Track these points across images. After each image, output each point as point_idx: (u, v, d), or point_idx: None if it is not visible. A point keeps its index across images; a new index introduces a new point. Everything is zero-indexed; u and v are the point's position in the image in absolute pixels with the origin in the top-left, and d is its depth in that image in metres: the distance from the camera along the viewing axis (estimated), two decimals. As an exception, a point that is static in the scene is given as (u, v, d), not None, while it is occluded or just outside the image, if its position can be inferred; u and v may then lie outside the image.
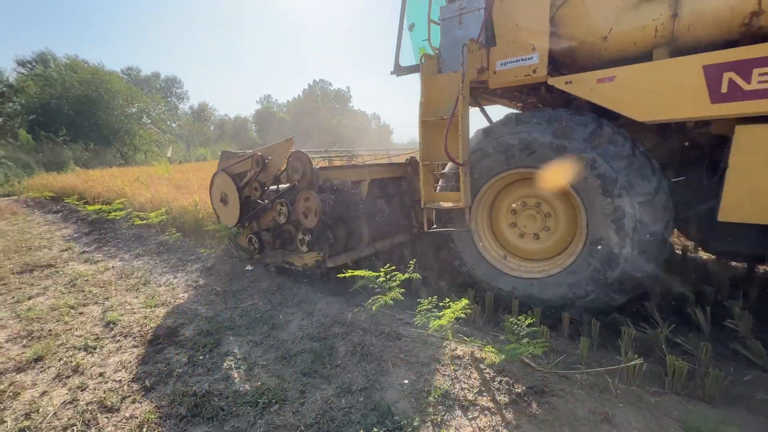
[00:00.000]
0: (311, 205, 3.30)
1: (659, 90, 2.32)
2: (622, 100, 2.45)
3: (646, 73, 2.36)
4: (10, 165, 15.40)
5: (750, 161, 2.16)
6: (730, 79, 2.09)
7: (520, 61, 2.76)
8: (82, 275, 4.20)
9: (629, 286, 2.55)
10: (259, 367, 2.38)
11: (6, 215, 8.35)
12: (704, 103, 2.19)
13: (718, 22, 2.23)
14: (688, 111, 2.27)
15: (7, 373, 2.37)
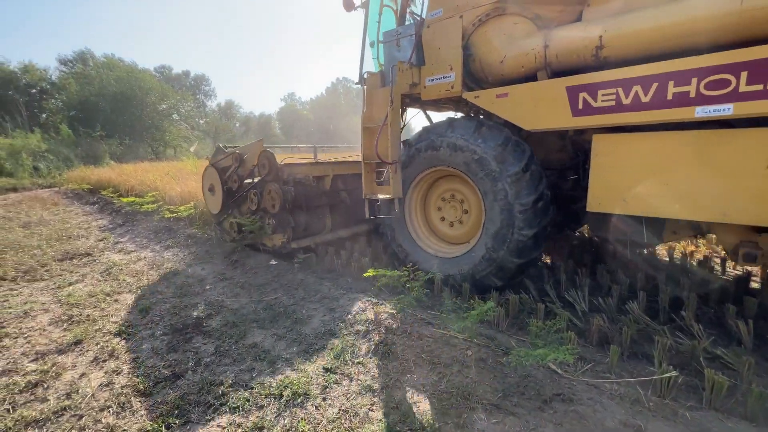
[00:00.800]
0: (275, 195, 3.99)
1: (538, 105, 2.81)
2: (513, 112, 2.96)
3: (528, 91, 2.87)
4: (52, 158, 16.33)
5: (605, 163, 2.64)
6: (584, 98, 2.57)
7: (442, 79, 3.31)
8: (117, 264, 4.41)
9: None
10: (283, 361, 2.42)
11: (48, 205, 8.87)
12: (568, 116, 2.67)
13: (576, 52, 2.68)
14: (558, 122, 2.76)
15: (50, 354, 2.52)
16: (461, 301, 2.94)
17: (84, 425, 1.88)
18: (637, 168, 2.51)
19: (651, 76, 2.30)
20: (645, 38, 2.39)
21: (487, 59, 3.14)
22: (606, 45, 2.53)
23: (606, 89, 2.47)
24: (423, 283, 2.87)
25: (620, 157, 2.58)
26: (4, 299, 3.45)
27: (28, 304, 3.33)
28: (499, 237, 3.00)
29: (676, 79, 2.22)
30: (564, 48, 2.73)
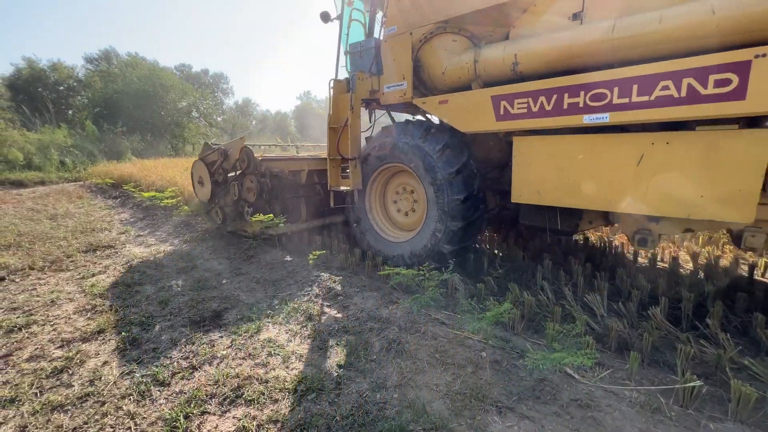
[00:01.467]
0: (252, 186, 4.53)
1: (470, 110, 3.27)
2: (451, 116, 3.42)
3: (463, 98, 3.33)
4: (77, 153, 16.90)
5: (522, 161, 3.08)
6: (504, 105, 3.03)
7: (397, 86, 3.78)
8: (138, 257, 4.53)
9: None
10: (297, 356, 2.45)
11: (74, 198, 9.19)
12: (492, 120, 3.13)
13: (498, 66, 3.13)
14: (484, 126, 3.22)
15: (75, 342, 2.61)
16: (476, 302, 2.91)
17: (106, 411, 1.94)
18: (546, 165, 2.98)
19: (551, 89, 2.76)
20: (547, 57, 2.86)
21: (432, 70, 3.62)
22: (520, 62, 3.01)
23: (520, 99, 2.94)
24: (438, 283, 2.85)
25: (533, 156, 3.05)
26: (33, 288, 3.59)
27: (54, 293, 3.46)
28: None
29: (569, 92, 2.67)
30: (489, 63, 3.19)
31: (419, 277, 2.91)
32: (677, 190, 2.40)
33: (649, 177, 2.48)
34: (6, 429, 1.83)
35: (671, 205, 2.44)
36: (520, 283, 3.27)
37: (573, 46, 2.70)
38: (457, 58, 3.40)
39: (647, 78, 2.33)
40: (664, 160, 2.42)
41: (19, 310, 3.12)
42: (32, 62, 24.16)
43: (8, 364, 2.36)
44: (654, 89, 2.32)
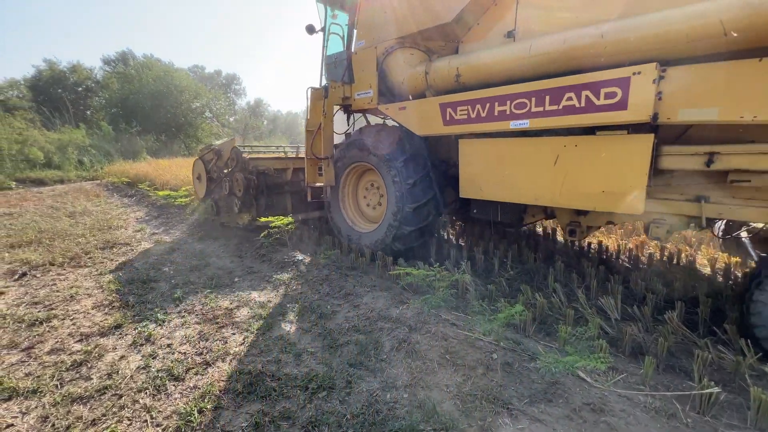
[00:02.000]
0: (240, 182, 5.08)
1: (423, 116, 3.69)
2: (409, 121, 3.83)
3: (417, 105, 3.74)
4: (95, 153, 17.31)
5: (466, 161, 3.54)
6: (449, 112, 3.42)
7: (365, 94, 4.21)
8: (153, 254, 4.63)
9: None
10: (308, 354, 2.47)
11: (91, 197, 9.42)
12: (440, 125, 3.53)
13: (444, 78, 3.52)
14: (434, 130, 3.64)
15: (93, 337, 2.69)
16: (487, 304, 2.90)
17: (123, 404, 1.99)
18: (484, 164, 3.43)
19: (484, 98, 3.17)
20: (481, 71, 3.27)
21: (393, 80, 4.01)
22: (461, 74, 3.40)
23: (461, 106, 3.33)
24: (449, 283, 2.84)
25: (474, 156, 3.50)
26: (53, 283, 3.70)
27: (73, 288, 3.55)
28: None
29: (498, 101, 3.07)
30: (438, 74, 3.58)
31: (430, 278, 2.91)
32: (585, 186, 2.80)
33: (564, 175, 2.88)
34: (29, 419, 1.90)
35: (581, 199, 2.86)
36: (531, 285, 3.25)
37: (501, 62, 3.12)
38: (413, 69, 3.82)
39: (555, 90, 2.73)
40: (574, 161, 2.83)
41: (40, 304, 3.22)
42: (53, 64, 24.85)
43: (30, 357, 2.43)
44: (561, 100, 2.70)
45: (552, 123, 2.80)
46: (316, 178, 4.54)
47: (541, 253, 4.20)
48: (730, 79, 2.14)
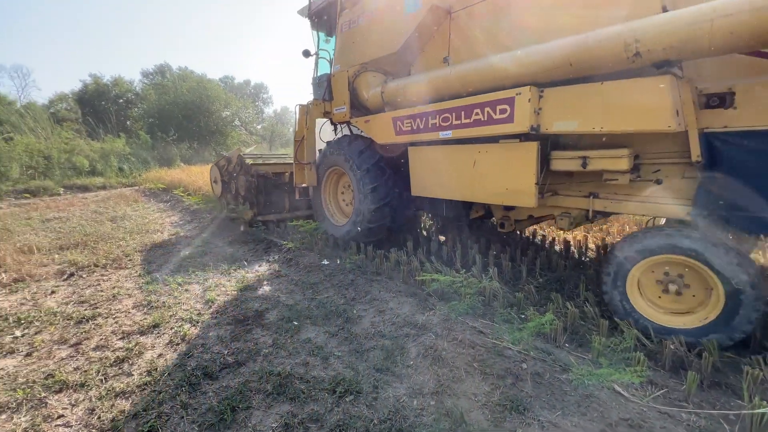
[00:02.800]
0: (243, 184, 6.12)
1: (381, 128, 4.29)
2: (372, 132, 4.45)
3: (377, 118, 4.34)
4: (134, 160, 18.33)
5: (414, 165, 4.14)
6: (398, 124, 3.99)
7: (340, 109, 4.84)
8: (187, 257, 4.83)
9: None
10: (335, 358, 2.50)
11: (130, 202, 9.96)
12: (393, 135, 4.11)
13: (394, 96, 4.16)
14: (389, 139, 4.21)
15: (134, 335, 2.84)
16: (516, 312, 2.84)
17: (162, 400, 2.08)
18: (426, 168, 4.06)
19: (421, 113, 3.75)
20: (420, 91, 3.87)
21: (361, 98, 4.65)
22: (407, 93, 4.03)
23: (407, 120, 3.92)
24: (476, 290, 2.81)
25: (419, 161, 4.12)
26: (97, 283, 3.94)
27: (115, 288, 3.77)
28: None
29: (431, 116, 3.65)
30: (390, 93, 4.22)
31: (456, 284, 2.88)
32: (493, 184, 3.35)
33: (480, 175, 3.46)
34: (77, 411, 2.02)
35: (493, 196, 3.41)
36: (562, 294, 3.15)
37: (432, 83, 3.73)
38: (374, 89, 4.44)
39: (467, 107, 3.33)
40: (485, 164, 3.40)
41: (86, 303, 3.44)
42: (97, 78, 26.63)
43: (78, 352, 2.60)
44: (471, 115, 3.30)
45: (467, 133, 3.41)
46: (302, 179, 5.33)
47: (572, 260, 4.07)
48: (583, 97, 2.69)
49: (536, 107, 2.91)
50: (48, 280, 4.03)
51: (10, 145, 13.66)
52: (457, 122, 3.44)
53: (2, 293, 3.68)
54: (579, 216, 3.27)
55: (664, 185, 2.73)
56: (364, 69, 4.60)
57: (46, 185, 12.21)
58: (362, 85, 4.58)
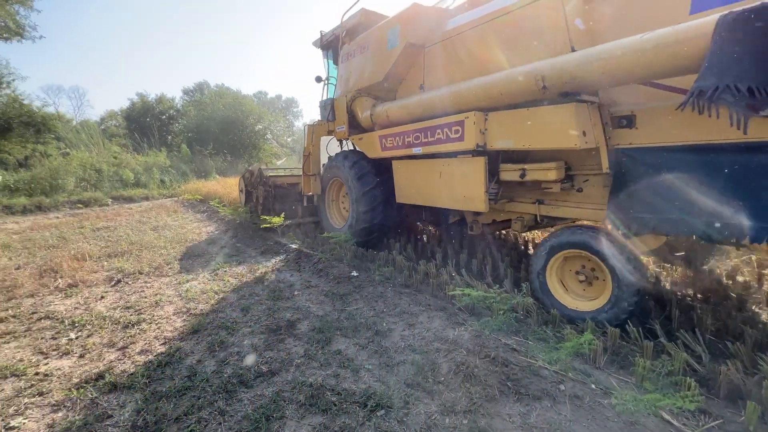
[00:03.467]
0: (260, 193, 7.25)
1: (371, 144, 5.07)
2: (365, 147, 5.25)
3: (368, 136, 5.11)
4: (174, 173, 19.43)
5: (398, 176, 4.84)
6: (383, 142, 4.77)
7: (341, 128, 5.63)
8: (222, 266, 5.04)
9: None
10: (365, 370, 2.51)
11: (170, 212, 10.53)
12: (380, 151, 4.88)
13: (381, 118, 4.87)
14: (378, 154, 4.96)
15: (175, 341, 2.98)
16: (552, 330, 2.74)
17: (201, 405, 2.17)
18: (405, 178, 4.77)
19: (399, 132, 4.50)
20: (399, 114, 4.57)
21: (356, 119, 5.44)
22: (390, 116, 4.73)
23: (389, 138, 4.69)
24: (509, 307, 2.74)
25: (401, 173, 4.83)
26: (141, 290, 4.17)
27: (158, 295, 3.98)
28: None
29: (406, 135, 4.36)
30: (377, 115, 4.95)
31: (489, 300, 2.82)
32: (455, 193, 3.95)
33: (445, 185, 4.08)
34: (125, 412, 2.14)
35: (455, 202, 4.02)
36: (600, 312, 3.00)
37: (406, 107, 4.47)
38: (366, 112, 5.18)
39: (432, 128, 4.00)
40: (448, 175, 4.01)
41: (131, 308, 3.65)
42: (143, 97, 28.61)
43: (125, 356, 2.76)
44: (435, 134, 3.96)
45: (433, 149, 4.06)
46: (309, 189, 6.49)
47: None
48: (515, 121, 3.25)
49: (482, 128, 3.53)
50: (98, 286, 4.31)
51: (67, 160, 14.88)
52: (425, 140, 4.13)
53: (59, 297, 3.99)
54: (530, 220, 3.86)
55: (585, 193, 3.29)
56: (359, 94, 5.37)
57: (96, 196, 13.15)
58: (357, 108, 5.36)
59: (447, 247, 5.08)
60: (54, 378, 2.48)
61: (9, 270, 4.93)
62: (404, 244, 5.41)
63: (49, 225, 8.64)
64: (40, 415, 2.12)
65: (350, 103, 5.42)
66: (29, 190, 12.50)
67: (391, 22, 4.73)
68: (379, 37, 4.88)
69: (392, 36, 4.60)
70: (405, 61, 4.66)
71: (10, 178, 12.56)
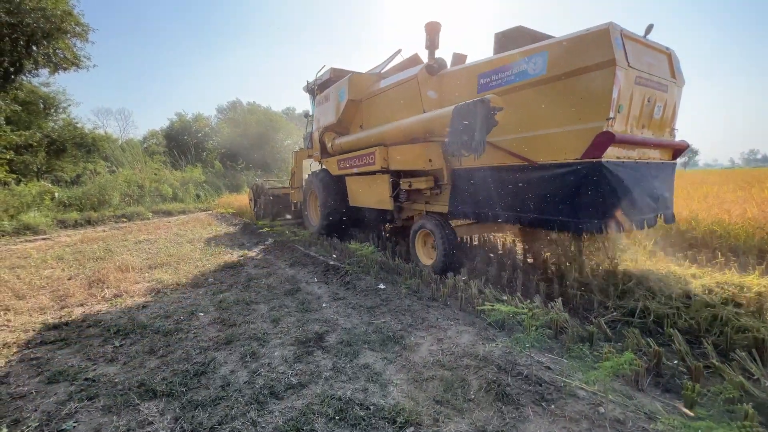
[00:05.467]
0: (262, 201, 10.59)
1: (332, 165, 7.24)
2: (329, 167, 7.37)
3: (333, 159, 7.16)
4: (208, 187, 20.39)
5: (350, 188, 6.85)
6: (340, 164, 6.91)
7: (316, 153, 7.88)
8: (254, 278, 5.20)
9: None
10: (393, 385, 2.49)
11: (205, 225, 11.02)
12: (337, 170, 7.03)
13: (339, 147, 6.97)
14: (336, 172, 7.13)
15: (210, 350, 3.08)
16: (588, 348, 2.61)
17: (234, 415, 2.22)
18: (353, 189, 6.74)
19: (347, 158, 6.56)
20: (347, 145, 6.61)
21: (325, 147, 7.31)
22: (342, 146, 6.74)
23: (342, 161, 6.71)
24: (542, 322, 2.65)
25: (350, 185, 6.79)
26: (179, 300, 4.37)
27: (194, 305, 4.15)
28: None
29: (350, 160, 6.48)
30: (336, 145, 6.92)
31: (520, 315, 2.74)
32: (377, 198, 6.01)
33: (372, 193, 6.12)
34: (164, 419, 2.23)
35: (377, 203, 6.05)
36: (642, 329, 2.85)
37: (348, 142, 6.56)
38: (329, 143, 7.15)
39: (360, 155, 6.13)
40: (372, 186, 6.07)
41: (170, 318, 3.83)
42: (182, 116, 30.42)
43: (165, 364, 2.89)
44: (362, 160, 6.05)
45: (363, 170, 6.15)
46: (295, 198, 9.73)
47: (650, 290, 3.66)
48: (401, 152, 5.37)
49: (385, 156, 5.68)
50: (140, 296, 4.56)
51: (113, 177, 15.98)
52: (359, 163, 6.26)
53: (105, 306, 4.25)
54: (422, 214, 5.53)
55: (443, 195, 5.10)
56: (326, 130, 7.30)
57: (138, 211, 13.98)
58: (326, 139, 7.28)
59: (475, 259, 5.00)
60: (101, 383, 2.63)
61: (62, 280, 5.32)
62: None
63: (96, 238, 9.27)
64: (89, 419, 2.25)
65: (321, 136, 7.43)
66: (80, 206, 13.50)
67: (341, 83, 6.67)
68: (334, 92, 6.94)
69: (342, 93, 6.63)
70: (349, 110, 6.62)
71: (64, 195, 13.63)
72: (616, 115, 3.23)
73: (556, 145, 3.50)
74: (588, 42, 3.26)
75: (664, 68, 3.81)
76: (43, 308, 4.21)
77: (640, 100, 3.51)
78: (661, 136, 3.91)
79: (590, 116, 3.26)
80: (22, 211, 11.29)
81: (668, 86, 3.81)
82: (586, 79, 3.28)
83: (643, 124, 3.66)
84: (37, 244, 8.81)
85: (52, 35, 8.70)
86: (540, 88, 3.62)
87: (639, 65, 3.41)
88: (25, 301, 4.46)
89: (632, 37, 3.42)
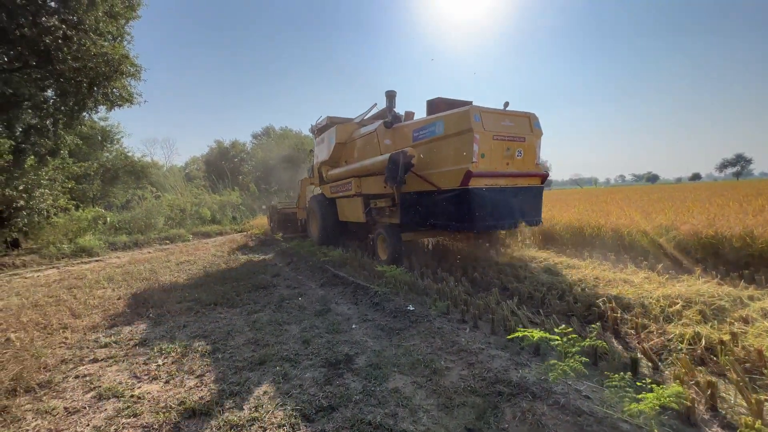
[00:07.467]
0: (276, 219, 13.35)
1: (327, 190, 9.62)
2: (325, 192, 9.68)
3: (326, 186, 9.65)
4: (243, 210, 21.33)
5: (339, 206, 9.21)
6: (332, 189, 9.27)
7: (317, 181, 10.31)
8: (285, 298, 5.34)
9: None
10: (423, 411, 2.45)
11: (240, 245, 11.48)
12: (330, 194, 9.43)
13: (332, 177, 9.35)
14: (330, 195, 9.44)
15: (244, 371, 3.18)
16: (631, 378, 2.46)
17: (267, 437, 2.27)
18: (341, 207, 9.01)
19: (336, 185, 8.93)
20: (336, 176, 8.92)
21: (323, 177, 9.50)
22: (333, 177, 9.05)
23: (333, 187, 9.12)
24: (580, 349, 2.53)
25: (340, 205, 9.05)
26: (216, 320, 4.56)
27: (229, 325, 4.31)
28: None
29: (339, 186, 8.84)
30: (329, 176, 9.23)
31: (555, 341, 2.64)
32: (355, 214, 8.20)
33: (352, 210, 8.35)
34: (201, 438, 2.32)
35: (357, 218, 8.21)
36: (692, 357, 2.64)
37: (336, 174, 8.86)
38: (326, 173, 9.26)
39: (343, 183, 8.53)
40: (352, 206, 8.33)
41: (208, 338, 3.99)
42: (220, 143, 32.37)
43: (202, 383, 3.01)
44: (345, 186, 8.43)
45: (346, 194, 8.37)
46: (301, 216, 12.04)
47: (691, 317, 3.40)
48: (370, 183, 7.61)
49: (359, 185, 7.82)
50: (181, 316, 4.81)
51: (159, 202, 17.13)
52: (344, 189, 8.43)
53: (150, 325, 4.51)
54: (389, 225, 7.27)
55: (396, 212, 7.04)
56: (323, 164, 9.48)
57: (180, 233, 14.82)
58: (323, 170, 9.43)
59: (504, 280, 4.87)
60: (145, 401, 2.78)
61: (112, 300, 5.71)
62: (459, 277, 5.29)
63: (143, 259, 9.91)
64: (134, 436, 2.38)
65: (319, 168, 9.74)
66: (128, 229, 14.53)
67: (332, 130, 8.98)
68: (327, 136, 9.33)
69: (331, 137, 9.02)
70: (338, 150, 8.93)
71: (115, 219, 14.75)
72: (479, 159, 5.30)
73: (450, 178, 5.54)
74: (460, 116, 5.46)
75: (523, 126, 5.82)
76: (96, 327, 4.53)
77: (500, 149, 5.54)
78: (526, 170, 5.82)
79: (463, 161, 5.38)
80: (79, 235, 12.31)
81: (526, 137, 5.76)
82: (461, 138, 5.45)
83: (507, 162, 5.63)
84: (92, 265, 9.54)
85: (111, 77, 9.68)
86: (441, 141, 5.83)
87: (495, 128, 5.48)
88: (80, 319, 4.82)
89: (490, 111, 5.52)
